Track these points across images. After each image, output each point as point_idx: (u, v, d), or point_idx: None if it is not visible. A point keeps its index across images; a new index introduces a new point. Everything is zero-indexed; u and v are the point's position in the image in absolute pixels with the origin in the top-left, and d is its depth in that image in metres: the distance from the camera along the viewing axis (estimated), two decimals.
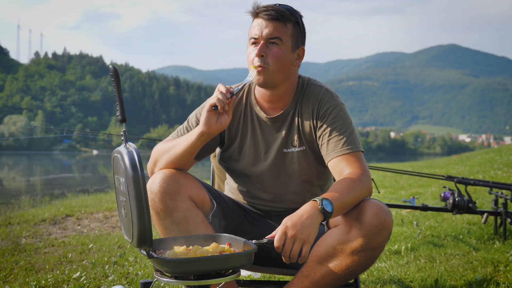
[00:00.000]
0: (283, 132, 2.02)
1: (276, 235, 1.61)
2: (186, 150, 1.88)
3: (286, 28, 1.91)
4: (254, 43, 1.92)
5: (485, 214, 3.93)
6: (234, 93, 1.85)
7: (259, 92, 2.05)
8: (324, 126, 1.96)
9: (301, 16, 1.97)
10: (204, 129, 1.82)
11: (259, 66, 1.89)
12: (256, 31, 1.91)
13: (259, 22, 1.91)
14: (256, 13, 1.93)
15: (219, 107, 1.78)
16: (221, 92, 1.81)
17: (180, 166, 1.92)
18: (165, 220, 1.84)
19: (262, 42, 1.89)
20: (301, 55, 1.99)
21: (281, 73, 1.93)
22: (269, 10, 1.90)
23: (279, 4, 1.93)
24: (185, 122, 2.09)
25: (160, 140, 2.25)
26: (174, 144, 1.92)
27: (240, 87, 1.94)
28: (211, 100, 1.81)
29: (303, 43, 2.00)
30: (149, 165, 1.98)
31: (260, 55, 1.88)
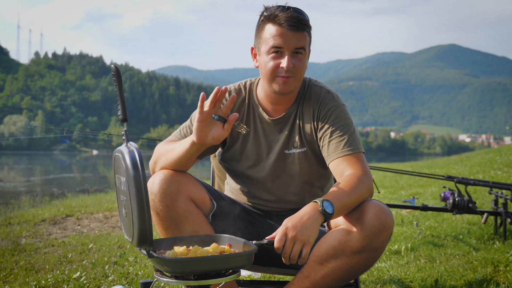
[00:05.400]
0: (285, 134, 2.02)
1: (277, 236, 1.61)
2: (181, 156, 1.84)
3: (307, 37, 1.91)
4: (276, 52, 1.89)
5: (485, 214, 3.93)
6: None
7: (263, 94, 2.04)
8: (325, 127, 1.96)
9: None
10: (195, 140, 1.75)
11: (288, 77, 1.89)
12: (279, 41, 1.87)
13: (283, 32, 1.86)
14: (275, 21, 1.88)
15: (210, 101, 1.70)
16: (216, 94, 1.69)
17: (178, 169, 1.90)
18: (165, 221, 1.84)
19: (288, 53, 1.87)
20: (308, 58, 2.00)
21: (301, 81, 1.95)
22: (293, 20, 1.86)
23: (292, 9, 1.89)
24: (188, 121, 2.07)
25: (161, 140, 2.25)
26: (171, 148, 1.88)
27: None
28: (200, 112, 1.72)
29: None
30: (150, 164, 1.97)
31: (290, 67, 1.87)
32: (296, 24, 1.86)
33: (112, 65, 1.49)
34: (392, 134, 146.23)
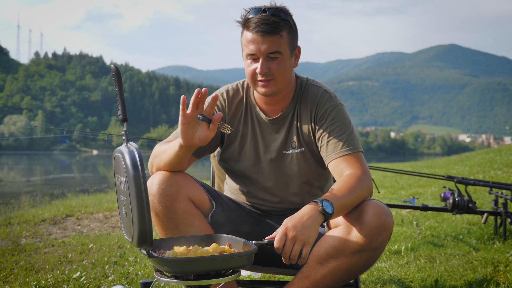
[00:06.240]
0: (283, 134, 2.02)
1: (277, 236, 1.61)
2: (172, 159, 1.83)
3: (283, 38, 1.85)
4: (252, 58, 1.87)
5: (485, 214, 3.93)
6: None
7: (258, 94, 2.04)
8: (323, 127, 1.95)
9: (291, 15, 1.90)
10: (182, 142, 1.74)
11: (266, 80, 1.87)
12: (252, 47, 1.84)
13: (254, 38, 1.83)
14: (247, 26, 1.85)
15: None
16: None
17: (173, 170, 1.88)
18: (165, 221, 1.84)
19: (262, 58, 1.85)
20: (298, 55, 1.97)
21: (286, 81, 1.93)
22: (262, 24, 1.81)
23: (268, 8, 1.85)
24: None
25: (160, 140, 2.25)
26: (164, 150, 1.87)
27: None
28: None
29: (297, 41, 1.96)
30: (148, 165, 1.97)
31: (264, 72, 1.86)
32: (265, 30, 1.81)
33: (112, 65, 1.49)
34: (392, 134, 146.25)
